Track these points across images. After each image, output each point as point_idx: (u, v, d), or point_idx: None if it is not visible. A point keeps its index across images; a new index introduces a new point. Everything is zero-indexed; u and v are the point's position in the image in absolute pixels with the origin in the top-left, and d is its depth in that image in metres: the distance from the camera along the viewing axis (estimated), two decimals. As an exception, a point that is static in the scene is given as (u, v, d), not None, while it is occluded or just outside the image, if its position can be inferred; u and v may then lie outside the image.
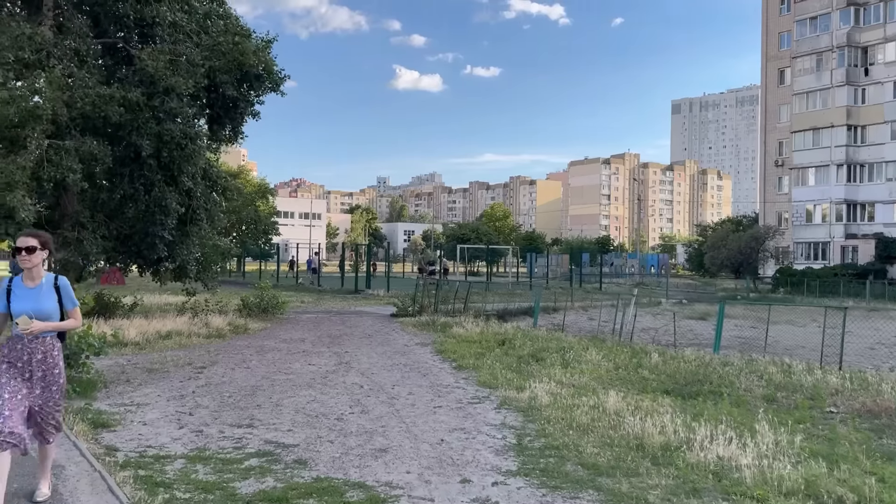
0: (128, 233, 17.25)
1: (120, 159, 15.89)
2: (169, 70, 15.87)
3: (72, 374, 9.11)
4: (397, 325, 19.35)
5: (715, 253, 45.99)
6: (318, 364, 12.45)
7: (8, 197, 13.06)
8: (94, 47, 16.65)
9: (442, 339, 15.63)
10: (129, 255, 17.62)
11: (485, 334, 15.57)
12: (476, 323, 18.09)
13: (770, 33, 60.85)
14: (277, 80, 18.02)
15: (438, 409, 8.79)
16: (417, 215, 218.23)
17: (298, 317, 21.46)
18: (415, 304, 22.74)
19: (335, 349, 14.51)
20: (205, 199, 17.15)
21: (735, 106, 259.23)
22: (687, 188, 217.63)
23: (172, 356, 12.67)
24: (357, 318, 21.82)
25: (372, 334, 17.31)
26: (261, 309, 20.48)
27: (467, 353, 13.29)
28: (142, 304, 20.34)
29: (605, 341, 15.26)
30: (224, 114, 17.83)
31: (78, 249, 15.52)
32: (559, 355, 12.85)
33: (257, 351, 13.90)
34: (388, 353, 14.00)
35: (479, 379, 10.77)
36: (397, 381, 10.79)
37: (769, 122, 61.00)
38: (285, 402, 9.06)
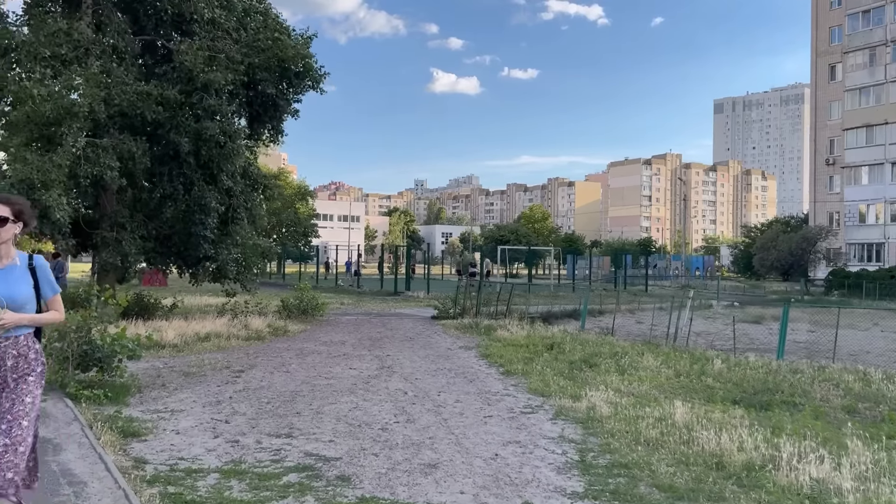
0: (167, 233, 16.98)
1: (158, 158, 15.61)
2: (207, 66, 15.56)
3: (104, 378, 8.71)
4: (439, 328, 18.77)
5: (764, 254, 44.49)
6: (360, 368, 11.92)
7: (43, 196, 12.80)
8: (133, 45, 16.43)
9: (486, 343, 15.00)
10: (169, 256, 17.34)
11: (531, 338, 14.90)
12: (521, 326, 17.41)
13: (820, 28, 58.96)
14: (317, 77, 17.60)
15: (489, 418, 8.17)
16: (455, 217, 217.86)
17: (338, 319, 21.02)
18: (456, 306, 22.14)
19: (376, 352, 13.99)
20: (245, 199, 16.79)
21: (779, 105, 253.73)
22: (730, 189, 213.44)
23: (210, 359, 12.26)
24: (397, 320, 21.30)
25: (413, 337, 16.75)
26: (300, 311, 20.07)
27: (514, 358, 12.64)
28: (182, 305, 20.10)
29: (660, 346, 14.47)
30: (263, 112, 17.46)
31: (117, 250, 15.25)
32: (613, 361, 12.12)
33: (297, 354, 13.44)
34: (431, 356, 13.42)
35: (530, 386, 10.11)
36: (443, 387, 10.19)
37: (819, 120, 59.07)
38: (326, 409, 8.52)
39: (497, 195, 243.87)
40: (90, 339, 8.52)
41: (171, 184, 15.64)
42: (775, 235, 45.65)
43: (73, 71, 13.80)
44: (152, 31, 16.93)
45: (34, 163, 13.17)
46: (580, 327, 18.31)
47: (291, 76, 17.33)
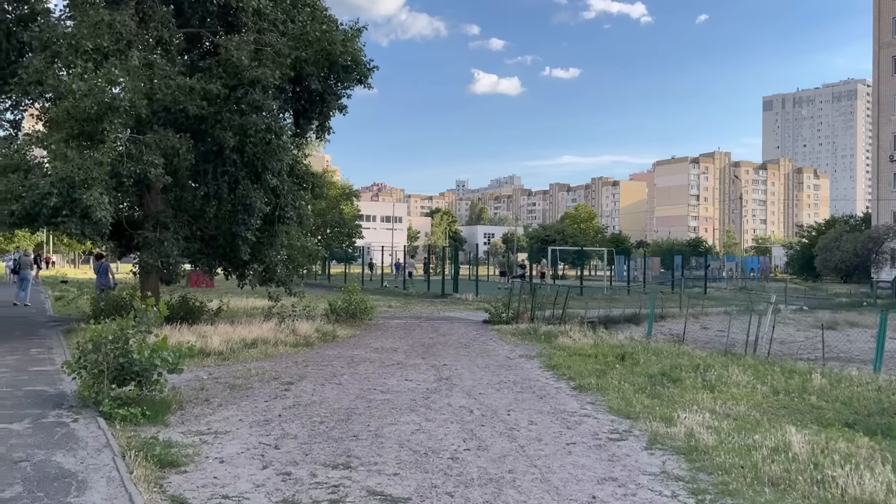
0: (212, 234, 16.29)
1: (202, 155, 14.92)
2: (254, 61, 14.81)
3: (142, 394, 7.90)
4: (493, 334, 17.75)
5: (827, 255, 42.39)
6: (416, 380, 10.98)
7: (85, 195, 12.14)
8: (176, 38, 15.77)
9: (549, 352, 13.94)
10: (214, 258, 16.66)
11: (599, 347, 13.77)
12: (583, 332, 16.28)
13: (882, 18, 56.32)
14: (365, 71, 16.72)
15: (572, 446, 7.13)
16: (497, 218, 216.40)
17: (387, 322, 20.15)
18: (508, 310, 21.09)
19: (431, 361, 13.04)
20: (292, 198, 15.99)
21: (831, 101, 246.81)
22: (781, 188, 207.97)
23: (257, 368, 11.45)
24: (448, 324, 20.35)
25: (468, 343, 15.78)
26: (349, 314, 19.25)
27: (584, 370, 11.56)
28: (227, 308, 19.48)
29: (742, 357, 13.22)
30: (310, 107, 16.67)
31: (158, 251, 14.59)
32: (697, 375, 10.96)
33: (348, 363, 12.56)
34: (491, 367, 12.41)
35: (610, 404, 9.04)
36: (511, 404, 9.18)
37: (882, 115, 56.43)
38: (386, 431, 7.59)
39: (539, 195, 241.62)
40: (127, 350, 7.73)
41: (216, 182, 14.92)
42: (838, 235, 43.48)
43: (114, 64, 13.13)
44: (197, 24, 16.27)
45: (75, 160, 12.54)
46: (646, 334, 17.10)
47: (339, 70, 16.50)
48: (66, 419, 7.35)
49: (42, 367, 11.01)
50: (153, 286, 16.15)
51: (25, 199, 12.29)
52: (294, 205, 16.14)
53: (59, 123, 13.43)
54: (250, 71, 14.60)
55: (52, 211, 12.38)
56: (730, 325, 16.06)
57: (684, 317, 25.39)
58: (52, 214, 12.51)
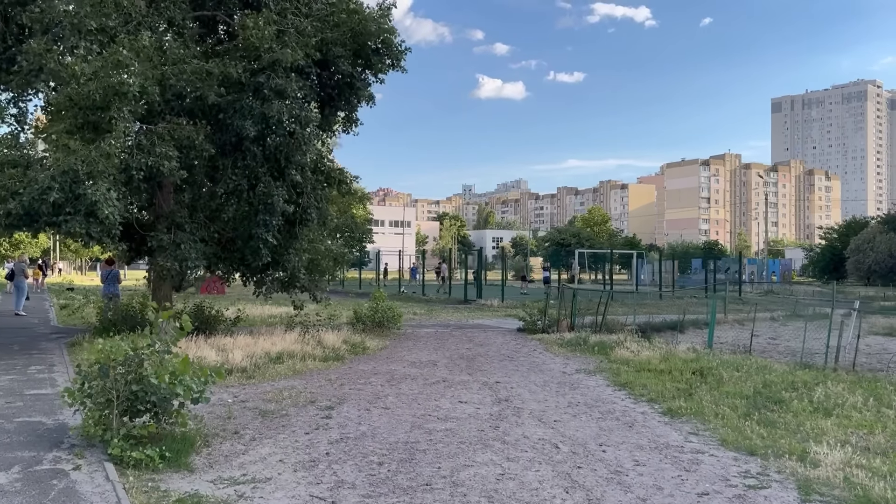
0: (230, 236, 14.81)
1: (219, 147, 13.44)
2: (276, 41, 13.36)
3: (160, 428, 6.41)
4: (536, 344, 16.23)
5: (860, 257, 40.74)
6: (471, 401, 9.49)
7: (89, 190, 10.69)
8: (191, 21, 14.34)
9: (610, 366, 12.41)
10: (232, 262, 15.17)
11: (670, 361, 12.20)
12: (640, 343, 14.74)
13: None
14: (397, 54, 15.23)
15: (706, 498, 5.61)
16: (504, 222, 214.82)
17: (416, 332, 18.64)
18: (545, 317, 19.57)
19: (479, 377, 11.55)
20: (316, 197, 14.50)
21: (841, 103, 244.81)
22: (792, 190, 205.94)
23: (288, 388, 9.96)
24: (481, 333, 18.84)
25: (512, 356, 14.27)
26: (375, 323, 17.76)
27: (664, 390, 10.03)
28: (245, 316, 18.03)
29: (831, 370, 11.67)
30: (337, 96, 15.18)
31: (174, 254, 13.11)
32: (801, 396, 9.42)
33: (387, 380, 11.07)
34: (551, 385, 10.90)
35: (721, 436, 7.51)
36: (598, 435, 7.66)
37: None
38: (463, 475, 6.08)
39: (547, 199, 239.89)
40: (142, 375, 6.24)
41: (234, 178, 13.43)
42: (871, 236, 41.84)
43: (122, 43, 11.67)
44: (212, 6, 14.84)
45: (79, 152, 11.09)
46: (707, 344, 15.55)
47: (369, 54, 15.01)
48: (65, 465, 5.86)
49: (41, 391, 9.52)
50: (166, 294, 14.70)
51: (23, 196, 10.83)
52: (317, 205, 14.65)
53: (61, 111, 11.99)
54: (271, 53, 13.15)
55: (54, 208, 10.94)
56: (805, 332, 14.50)
57: (723, 322, 23.91)
58: (53, 213, 11.06)
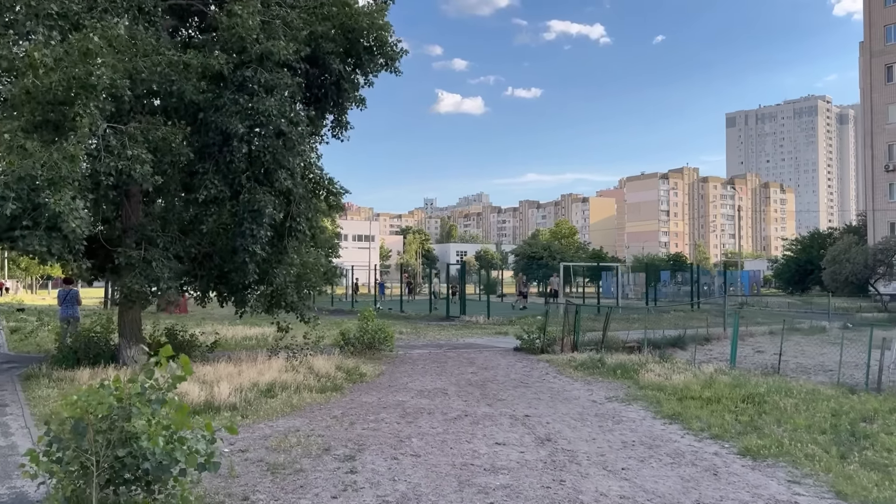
0: (207, 250, 13.20)
1: (198, 151, 11.88)
2: (262, 32, 11.90)
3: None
4: (545, 366, 14.91)
5: (836, 268, 40.53)
6: (510, 442, 8.10)
7: (50, 199, 9.06)
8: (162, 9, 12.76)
9: (644, 393, 11.13)
10: (210, 280, 13.56)
11: (713, 386, 10.94)
12: (663, 364, 13.51)
13: (874, 27, 55.23)
14: (391, 53, 13.85)
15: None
16: (468, 235, 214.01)
17: (408, 353, 17.17)
18: (544, 335, 18.27)
19: (502, 408, 10.17)
20: (307, 205, 12.99)
21: (793, 117, 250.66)
22: (749, 203, 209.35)
23: (292, 430, 8.43)
24: (478, 353, 17.47)
25: (524, 381, 12.92)
26: (365, 344, 16.26)
27: (724, 423, 8.78)
28: (218, 338, 16.37)
29: (878, 393, 10.56)
30: (325, 96, 13.72)
31: (145, 274, 11.48)
32: (887, 427, 8.23)
33: (401, 414, 9.61)
34: (587, 417, 9.57)
35: (832, 485, 6.26)
36: (686, 489, 6.34)
37: (876, 124, 55.15)
38: (557, 558, 4.68)
39: (509, 212, 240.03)
40: (130, 435, 4.72)
41: (216, 184, 11.85)
42: (847, 247, 41.72)
43: (92, 29, 10.05)
44: (188, -5, 13.31)
45: (37, 154, 9.48)
46: (730, 363, 14.39)
47: (360, 52, 13.62)
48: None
49: (-10, 439, 7.85)
50: (134, 318, 12.99)
51: (-30, 207, 9.15)
52: (307, 215, 13.14)
53: (16, 107, 10.33)
54: (258, 45, 11.68)
55: (9, 221, 9.29)
56: (841, 352, 13.46)
57: (723, 338, 22.92)
58: (8, 227, 9.41)
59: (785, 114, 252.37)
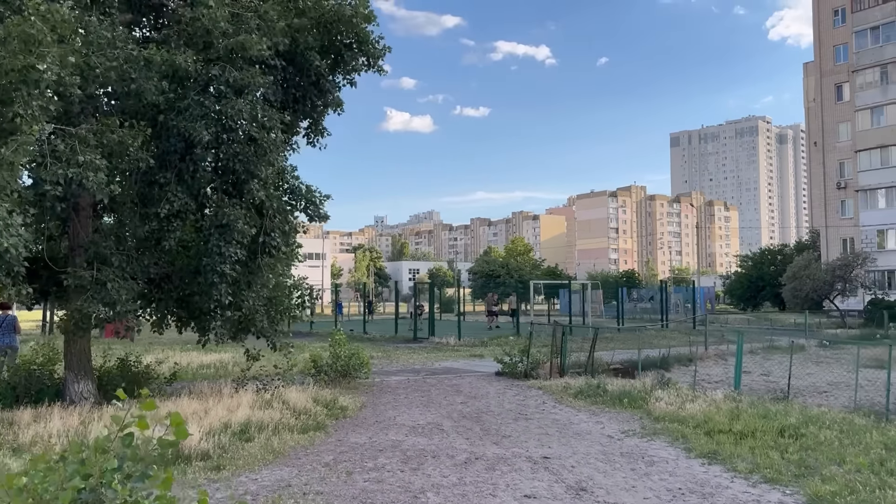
0: (165, 271, 11.73)
1: (158, 158, 10.47)
2: (232, 25, 10.61)
3: None
4: (538, 394, 13.81)
5: (797, 284, 40.69)
6: (539, 494, 6.95)
7: (-16, 211, 7.59)
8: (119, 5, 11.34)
9: (664, 427, 10.09)
10: (168, 304, 12.08)
11: (742, 418, 9.94)
12: (669, 391, 12.51)
13: (823, 47, 56.39)
14: (373, 51, 12.67)
15: None
16: (419, 253, 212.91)
17: (385, 381, 15.88)
18: (528, 358, 17.20)
19: (511, 448, 9.00)
20: (280, 219, 11.65)
21: (735, 137, 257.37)
22: (694, 220, 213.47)
23: (281, 486, 7.09)
24: (460, 379, 16.29)
25: (523, 412, 11.79)
26: (338, 372, 14.91)
27: (773, 464, 7.77)
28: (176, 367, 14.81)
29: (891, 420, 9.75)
30: (302, 97, 12.44)
31: (99, 297, 9.97)
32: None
33: (402, 459, 8.35)
34: (614, 458, 8.47)
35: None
36: (775, 552, 5.25)
37: (827, 142, 56.15)
38: None
39: (461, 230, 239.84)
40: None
41: (179, 196, 10.44)
42: (807, 263, 41.99)
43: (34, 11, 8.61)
44: (145, -15, 11.91)
45: (-33, 159, 7.98)
46: (734, 386, 13.50)
47: (340, 48, 12.40)
48: None
49: None
50: (84, 348, 11.39)
51: None
52: (283, 229, 11.81)
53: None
54: (227, 38, 10.39)
55: (-69, 238, 7.76)
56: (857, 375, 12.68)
57: (711, 358, 22.20)
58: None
59: (727, 134, 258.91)
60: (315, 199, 12.26)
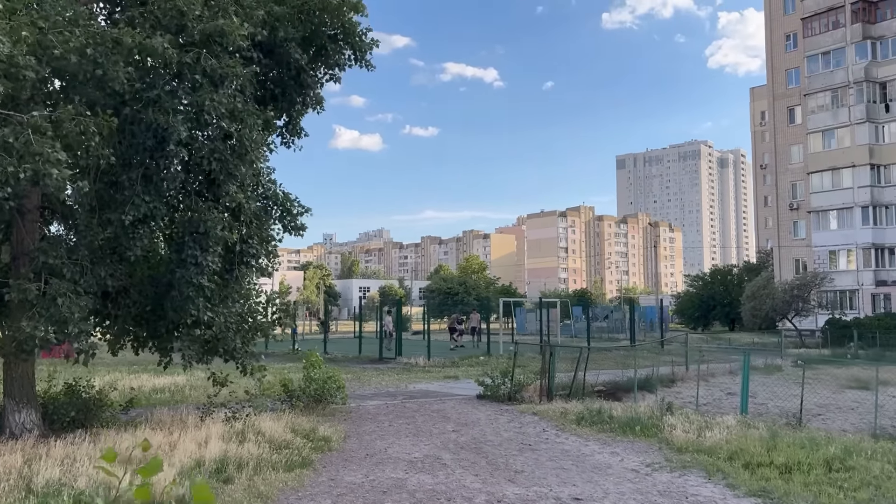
0: (123, 284, 10.31)
1: (121, 156, 9.13)
2: (208, 9, 9.39)
3: None
4: (534, 419, 12.75)
5: (756, 304, 40.78)
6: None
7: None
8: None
9: (693, 459, 9.13)
10: (126, 322, 10.66)
11: (780, 449, 9.04)
12: (679, 417, 11.58)
13: (776, 71, 57.47)
14: (361, 45, 11.57)
15: None
16: (369, 271, 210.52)
17: (361, 406, 14.62)
18: (511, 381, 16.18)
19: (536, 488, 7.95)
20: (257, 225, 10.38)
21: (678, 160, 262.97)
22: (640, 241, 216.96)
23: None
24: (441, 404, 15.16)
25: (525, 441, 10.74)
26: (312, 397, 13.60)
27: (838, 501, 6.87)
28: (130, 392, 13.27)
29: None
30: (281, 92, 11.23)
31: (47, 314, 8.54)
32: None
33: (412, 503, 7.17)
34: (655, 498, 7.47)
35: None
36: None
37: (780, 164, 57.07)
38: None
39: (411, 248, 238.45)
40: None
41: (146, 199, 9.10)
42: (765, 282, 42.17)
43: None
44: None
45: None
46: (741, 410, 12.68)
47: (324, 40, 11.26)
48: None
49: None
50: (26, 373, 9.86)
51: None
52: (261, 236, 10.54)
53: None
54: (202, 22, 9.16)
55: None
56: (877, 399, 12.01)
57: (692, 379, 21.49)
58: None
59: (670, 157, 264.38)
60: (292, 209, 11.02)
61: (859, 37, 50.80)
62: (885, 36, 50.56)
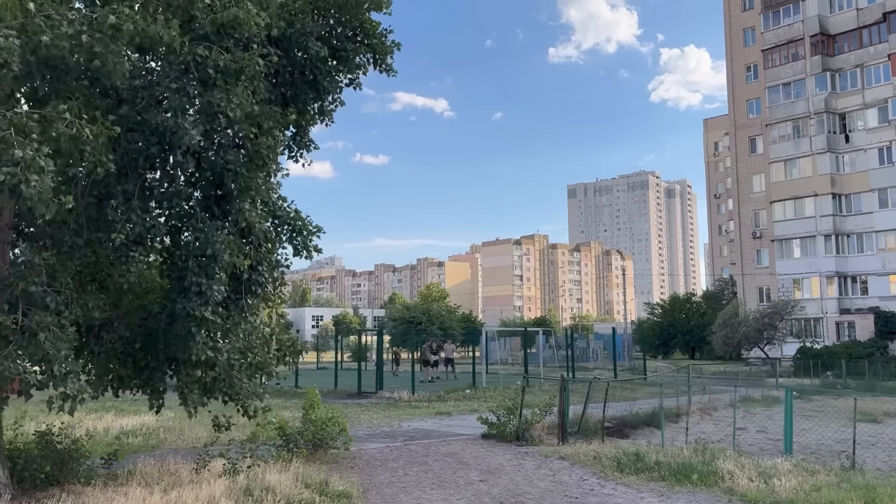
0: (108, 315, 8.80)
1: (117, 164, 7.71)
2: None
3: None
4: (564, 464, 11.52)
5: (728, 332, 40.53)
6: None
7: None
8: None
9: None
10: (109, 358, 9.15)
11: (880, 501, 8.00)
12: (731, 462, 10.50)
13: (737, 102, 58.27)
14: (380, 46, 10.37)
15: None
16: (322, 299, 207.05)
17: (363, 450, 13.18)
18: (520, 417, 14.97)
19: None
20: (268, 248, 9.03)
21: (627, 191, 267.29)
22: (593, 269, 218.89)
23: None
24: (445, 445, 13.87)
25: (568, 493, 9.54)
26: (311, 442, 12.14)
27: None
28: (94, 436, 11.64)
29: None
30: (295, 96, 9.91)
31: (28, 351, 7.03)
32: None
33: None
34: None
35: None
36: None
37: (742, 193, 57.63)
38: None
39: (364, 276, 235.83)
40: None
41: (141, 217, 7.70)
42: (735, 311, 42.04)
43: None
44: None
45: None
46: (785, 451, 11.69)
47: (342, 40, 10.04)
48: None
49: None
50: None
51: None
52: (270, 260, 9.19)
53: None
54: (213, 12, 7.88)
55: None
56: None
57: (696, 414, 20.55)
58: None
59: (620, 187, 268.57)
60: (305, 230, 9.70)
61: (819, 69, 51.79)
62: (844, 68, 51.65)
